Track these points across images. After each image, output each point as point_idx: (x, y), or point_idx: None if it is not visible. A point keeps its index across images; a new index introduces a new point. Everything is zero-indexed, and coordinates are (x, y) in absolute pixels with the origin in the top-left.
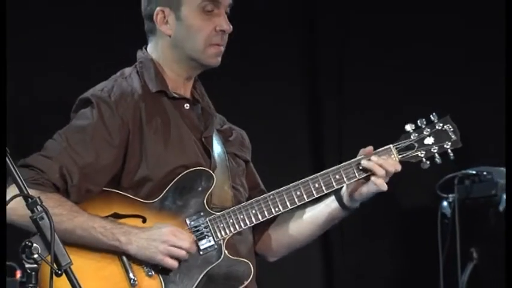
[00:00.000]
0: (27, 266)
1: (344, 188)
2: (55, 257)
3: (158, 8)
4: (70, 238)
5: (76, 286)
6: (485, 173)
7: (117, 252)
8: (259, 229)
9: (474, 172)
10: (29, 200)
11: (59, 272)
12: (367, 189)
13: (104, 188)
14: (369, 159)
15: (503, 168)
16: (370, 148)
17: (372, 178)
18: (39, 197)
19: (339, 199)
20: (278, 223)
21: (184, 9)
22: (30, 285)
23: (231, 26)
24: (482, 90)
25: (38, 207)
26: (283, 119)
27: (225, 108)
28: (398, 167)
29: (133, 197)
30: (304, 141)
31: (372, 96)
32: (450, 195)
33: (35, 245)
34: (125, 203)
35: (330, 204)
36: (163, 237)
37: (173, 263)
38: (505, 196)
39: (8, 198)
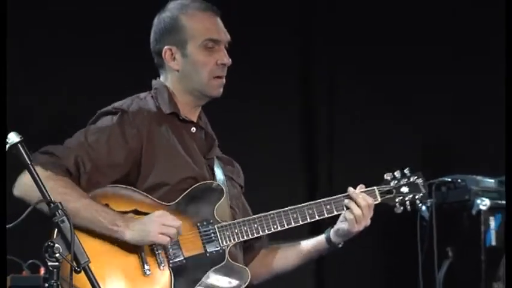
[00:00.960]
0: (49, 264)
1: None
2: (74, 256)
3: (166, 47)
4: (75, 218)
5: (93, 282)
6: (459, 180)
7: (135, 245)
8: (250, 255)
9: (450, 180)
10: (52, 204)
11: (78, 269)
12: (342, 227)
13: (126, 186)
14: (350, 198)
15: (475, 176)
16: (359, 186)
17: (346, 214)
18: (60, 203)
19: (327, 236)
20: (268, 252)
21: (189, 47)
22: (52, 281)
23: (230, 60)
24: (457, 108)
25: (60, 211)
26: (277, 140)
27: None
28: (370, 201)
29: (153, 199)
30: (296, 153)
31: (362, 119)
32: (428, 200)
33: (56, 245)
34: (144, 202)
35: (317, 239)
36: (155, 218)
37: (165, 239)
38: (478, 201)
39: (27, 175)
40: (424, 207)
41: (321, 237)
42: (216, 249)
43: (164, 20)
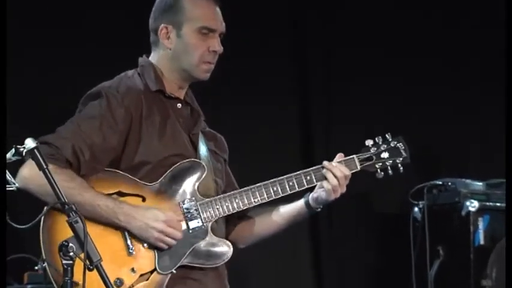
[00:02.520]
0: (64, 262)
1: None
2: (87, 254)
3: (162, 25)
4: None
5: (106, 279)
6: (449, 183)
7: (119, 226)
8: (232, 221)
9: (440, 183)
10: (66, 206)
11: (91, 267)
12: (321, 195)
13: (109, 169)
14: (326, 169)
15: (464, 180)
16: (339, 155)
17: (324, 183)
18: (74, 204)
19: (306, 200)
20: (250, 216)
21: (184, 29)
22: (66, 278)
23: (222, 48)
24: (447, 115)
25: (73, 212)
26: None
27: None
28: (347, 172)
29: (136, 179)
30: (295, 150)
31: (356, 110)
32: (420, 202)
33: (70, 244)
34: (129, 184)
35: (297, 204)
36: (160, 226)
37: (164, 246)
38: (467, 203)
39: (26, 168)
40: (416, 209)
41: (301, 202)
42: (198, 225)
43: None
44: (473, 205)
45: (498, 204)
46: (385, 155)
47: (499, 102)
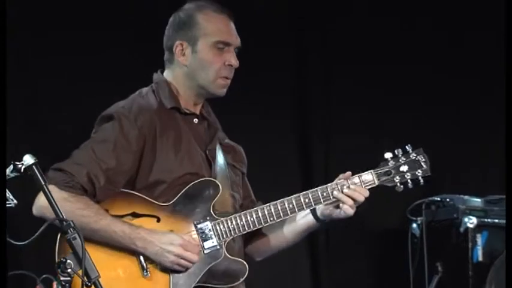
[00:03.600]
0: (62, 278)
1: (321, 206)
2: (85, 271)
3: (177, 42)
4: (93, 237)
5: None
6: (448, 199)
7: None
8: (249, 235)
9: (439, 199)
10: (64, 223)
11: (89, 283)
12: (337, 213)
13: (124, 190)
14: (341, 191)
15: (463, 196)
16: (348, 173)
17: (341, 205)
18: (72, 221)
19: (314, 214)
20: (265, 231)
21: (200, 45)
22: None
23: (238, 62)
24: (446, 132)
25: (71, 229)
26: (274, 142)
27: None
28: (366, 194)
29: (150, 199)
30: (293, 158)
31: (357, 120)
32: (419, 218)
33: (68, 261)
34: (143, 204)
35: (307, 218)
36: (176, 251)
37: (181, 269)
38: (465, 219)
39: (43, 197)
40: (415, 225)
41: (311, 219)
42: (213, 245)
43: (180, 16)
44: (471, 221)
45: (496, 220)
46: (404, 168)
47: (498, 119)
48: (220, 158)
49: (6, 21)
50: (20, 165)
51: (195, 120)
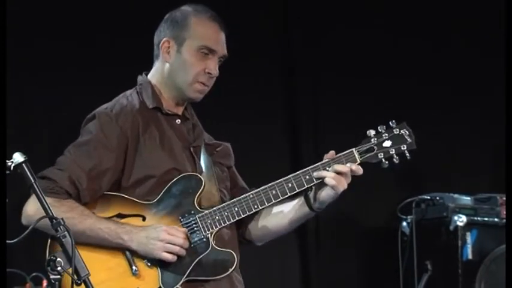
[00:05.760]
0: (51, 277)
1: (312, 193)
2: (75, 269)
3: (165, 38)
4: (80, 238)
5: None
6: (437, 198)
7: (121, 248)
8: (244, 222)
9: (428, 197)
10: (54, 220)
11: (79, 282)
12: (326, 193)
13: (108, 192)
14: (321, 170)
15: (452, 194)
16: (332, 152)
17: (326, 180)
18: (62, 219)
19: (307, 202)
20: (261, 216)
21: (185, 46)
22: None
23: (218, 72)
24: (436, 131)
25: (61, 227)
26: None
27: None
28: (354, 168)
29: (134, 199)
30: (284, 152)
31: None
32: (409, 217)
33: (58, 259)
34: (127, 205)
35: (300, 206)
36: (161, 236)
37: (169, 257)
38: (455, 217)
39: (29, 205)
40: (404, 223)
41: (304, 207)
42: (200, 238)
43: (174, 15)
44: (461, 220)
45: (486, 218)
46: (387, 143)
47: (489, 116)
48: (205, 156)
49: (5, 21)
50: (9, 163)
51: (178, 121)
